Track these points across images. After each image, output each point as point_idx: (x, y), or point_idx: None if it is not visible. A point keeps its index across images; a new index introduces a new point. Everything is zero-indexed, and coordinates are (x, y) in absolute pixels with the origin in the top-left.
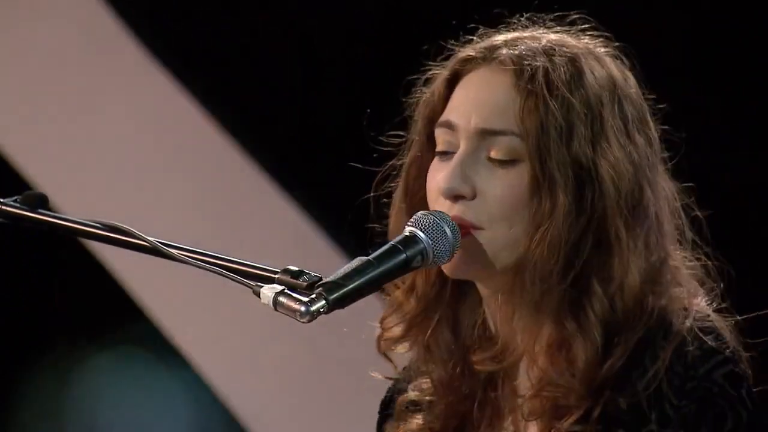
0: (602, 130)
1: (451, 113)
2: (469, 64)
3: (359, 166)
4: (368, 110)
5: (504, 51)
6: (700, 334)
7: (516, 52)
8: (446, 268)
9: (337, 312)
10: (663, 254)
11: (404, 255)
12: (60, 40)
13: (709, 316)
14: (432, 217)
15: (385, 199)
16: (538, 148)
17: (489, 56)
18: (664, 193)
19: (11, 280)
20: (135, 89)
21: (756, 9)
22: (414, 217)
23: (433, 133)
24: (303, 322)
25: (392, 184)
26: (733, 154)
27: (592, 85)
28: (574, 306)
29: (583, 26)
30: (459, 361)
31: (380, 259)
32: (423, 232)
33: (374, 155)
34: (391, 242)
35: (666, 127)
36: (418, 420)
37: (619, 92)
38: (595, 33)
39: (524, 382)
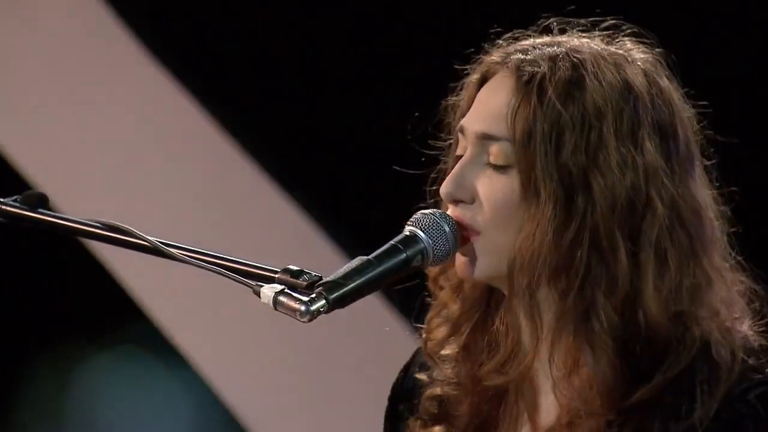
0: (600, 139)
1: (465, 119)
2: (491, 68)
3: (399, 168)
4: (416, 114)
5: (516, 56)
6: (742, 355)
7: (525, 56)
8: (459, 271)
9: (339, 311)
10: (693, 270)
11: (404, 254)
12: (60, 40)
13: (752, 336)
14: (432, 216)
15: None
16: (524, 154)
17: (505, 60)
18: (695, 204)
19: (11, 280)
20: (135, 89)
21: None
22: (414, 216)
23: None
24: (303, 322)
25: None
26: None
27: (594, 93)
28: (582, 318)
29: (627, 31)
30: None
31: (380, 259)
32: (423, 231)
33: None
34: (391, 242)
35: (710, 131)
36: (441, 417)
37: (633, 98)
38: (638, 40)
39: (549, 400)
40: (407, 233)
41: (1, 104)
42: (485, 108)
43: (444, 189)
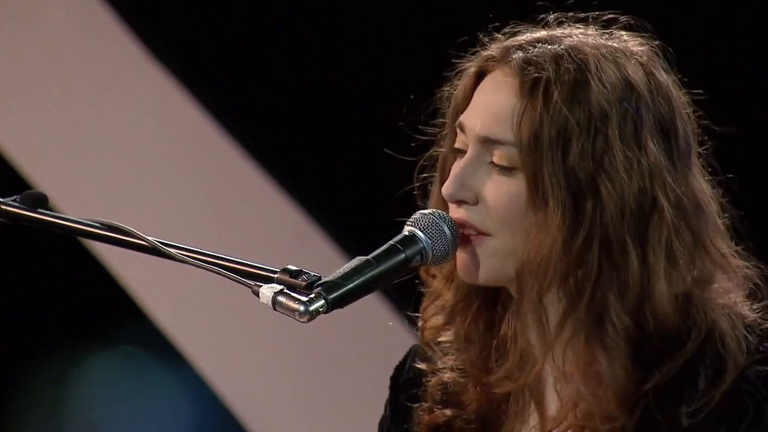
0: (606, 143)
1: (465, 115)
2: (491, 62)
3: (391, 153)
4: (411, 96)
5: (517, 54)
6: (744, 332)
7: (527, 55)
8: (461, 273)
9: (338, 311)
10: (699, 262)
11: (403, 254)
12: (60, 40)
13: (753, 318)
14: (431, 216)
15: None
16: (531, 159)
17: (505, 57)
18: (696, 197)
19: (11, 280)
20: (135, 89)
21: None
22: (413, 216)
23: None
24: (302, 322)
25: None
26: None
27: (598, 96)
28: (594, 323)
29: (623, 23)
30: (488, 356)
31: (379, 259)
32: (422, 231)
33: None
34: (390, 242)
35: (706, 121)
36: (448, 403)
37: (635, 98)
38: (634, 33)
39: (554, 402)
40: (406, 233)
41: (1, 104)
42: (487, 109)
43: (446, 189)
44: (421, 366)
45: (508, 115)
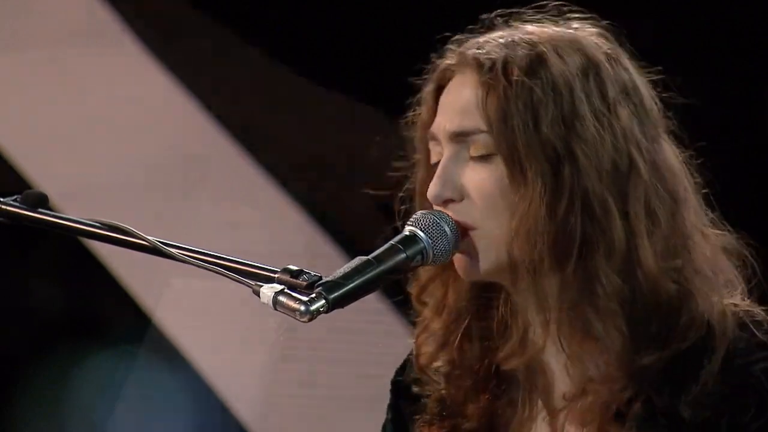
0: (574, 107)
1: (434, 125)
2: (448, 73)
3: (371, 192)
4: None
5: (471, 51)
6: (751, 327)
7: (482, 50)
8: (461, 272)
9: (339, 311)
10: (678, 223)
11: (404, 254)
12: (59, 39)
13: (747, 305)
14: (432, 216)
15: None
16: (504, 137)
17: (461, 61)
18: (669, 162)
19: (11, 280)
20: (135, 89)
21: None
22: (414, 216)
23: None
24: (303, 322)
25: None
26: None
27: (557, 65)
28: (586, 286)
29: (570, 14)
30: (489, 365)
31: (380, 259)
32: (423, 231)
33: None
34: (391, 241)
35: (666, 95)
36: (448, 416)
37: (594, 66)
38: (582, 16)
39: (561, 380)
40: (407, 233)
41: (1, 104)
42: (453, 107)
43: (431, 191)
44: (417, 389)
45: (474, 106)
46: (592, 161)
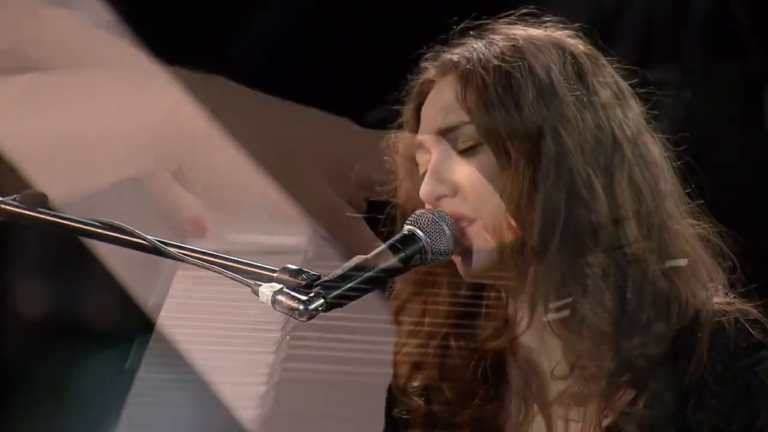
0: (553, 88)
1: (418, 136)
2: (426, 86)
3: (357, 215)
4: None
5: (447, 57)
6: (747, 326)
7: (457, 54)
8: (461, 272)
9: (339, 311)
10: (660, 208)
11: (403, 253)
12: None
13: (749, 307)
14: (431, 215)
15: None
16: (486, 123)
17: (439, 70)
18: (649, 150)
19: (11, 280)
20: (135, 88)
21: None
22: (413, 215)
23: (418, 166)
24: (301, 321)
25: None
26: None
27: (534, 52)
28: (571, 264)
29: (542, 21)
30: (476, 366)
31: (379, 258)
32: (421, 230)
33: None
34: (390, 241)
35: (646, 89)
36: (439, 427)
37: (568, 53)
38: (556, 19)
39: (549, 365)
40: (406, 232)
41: (1, 103)
42: (436, 109)
43: (424, 190)
44: (398, 414)
45: (455, 101)
46: (574, 137)
